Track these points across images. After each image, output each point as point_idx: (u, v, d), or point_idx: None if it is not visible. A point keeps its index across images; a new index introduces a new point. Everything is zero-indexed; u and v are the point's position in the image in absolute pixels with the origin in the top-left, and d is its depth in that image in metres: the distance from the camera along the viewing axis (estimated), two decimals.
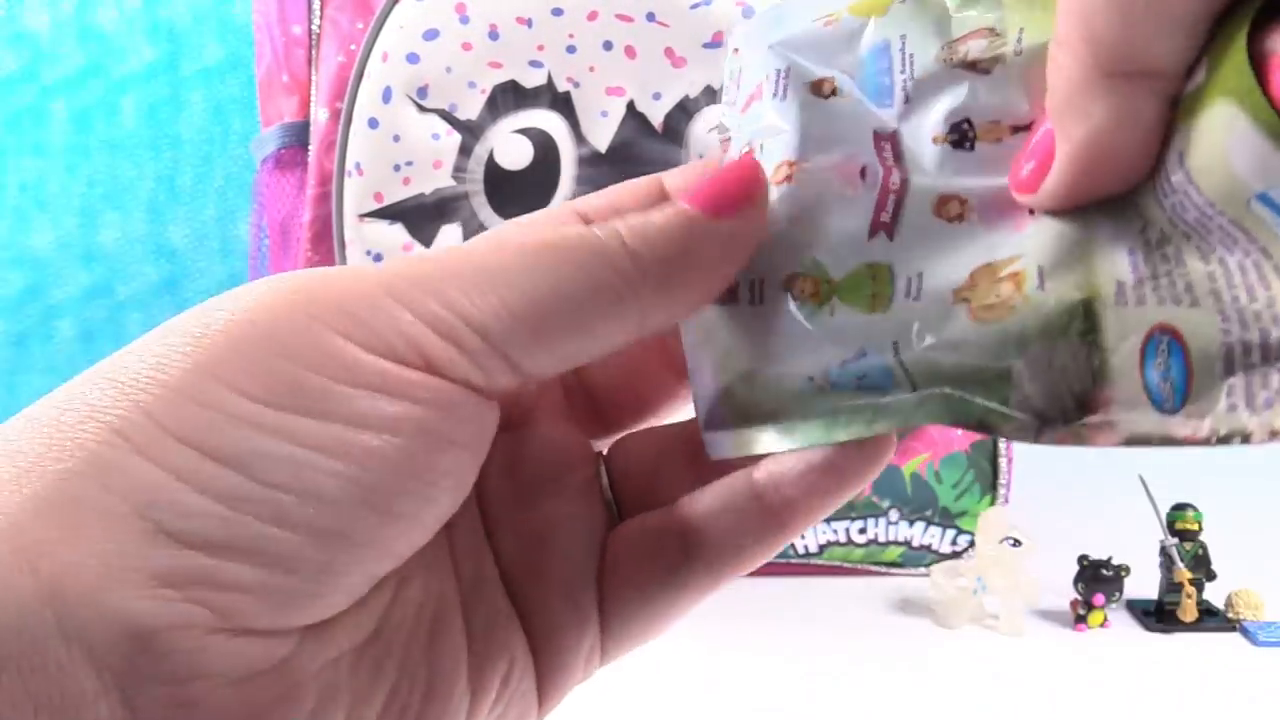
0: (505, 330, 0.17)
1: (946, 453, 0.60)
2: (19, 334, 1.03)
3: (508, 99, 0.51)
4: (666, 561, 0.21)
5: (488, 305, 0.17)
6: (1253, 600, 0.53)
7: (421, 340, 0.17)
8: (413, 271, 0.17)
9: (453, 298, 0.17)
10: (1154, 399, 0.18)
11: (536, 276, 0.18)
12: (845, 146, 0.20)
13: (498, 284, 0.17)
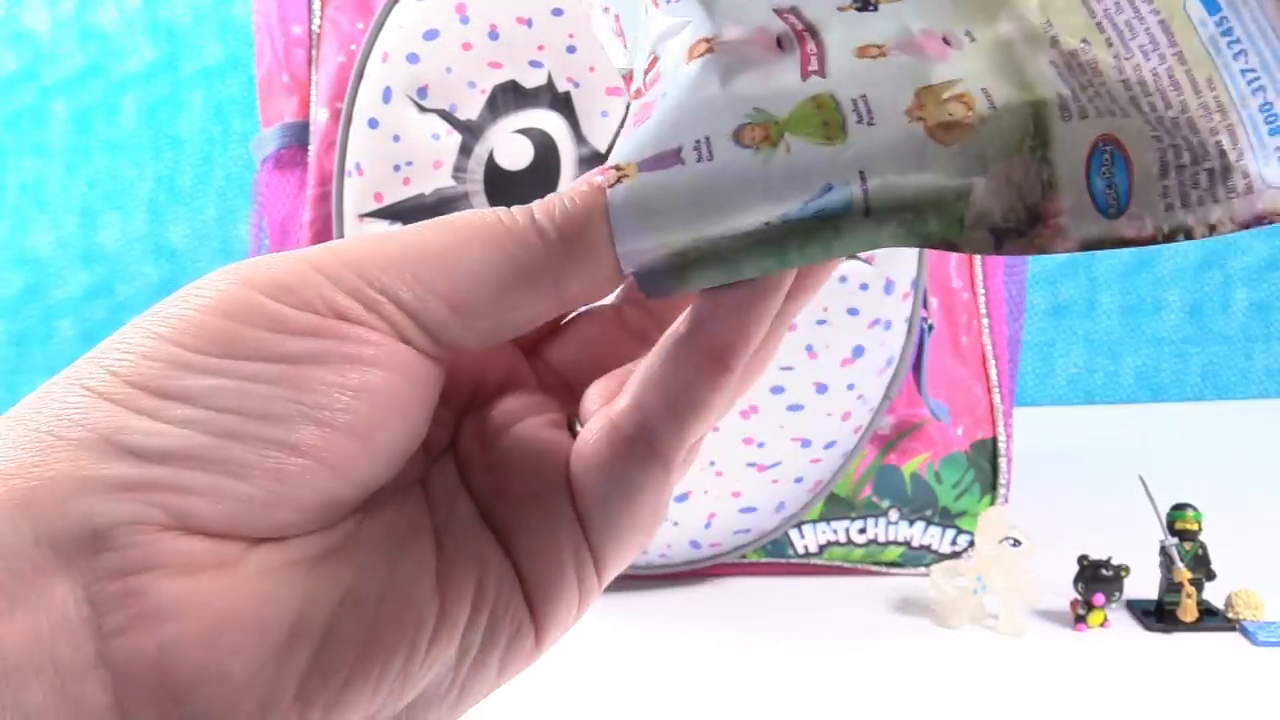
0: (415, 300, 0.19)
1: (946, 453, 0.60)
2: (19, 334, 1.03)
3: (508, 99, 0.51)
4: (626, 436, 0.21)
5: (399, 276, 0.19)
6: (1253, 600, 0.53)
7: (340, 303, 0.19)
8: (338, 250, 0.20)
9: (367, 270, 0.19)
10: (1100, 205, 0.19)
11: (447, 248, 0.20)
12: (753, 20, 0.21)
13: (410, 258, 0.20)
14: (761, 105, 0.20)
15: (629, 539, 0.21)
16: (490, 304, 0.20)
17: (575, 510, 0.21)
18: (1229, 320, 1.07)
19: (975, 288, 0.60)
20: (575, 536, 0.21)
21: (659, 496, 0.21)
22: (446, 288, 0.19)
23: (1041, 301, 1.07)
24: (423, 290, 0.19)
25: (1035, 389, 1.08)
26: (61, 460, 0.17)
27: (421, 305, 0.19)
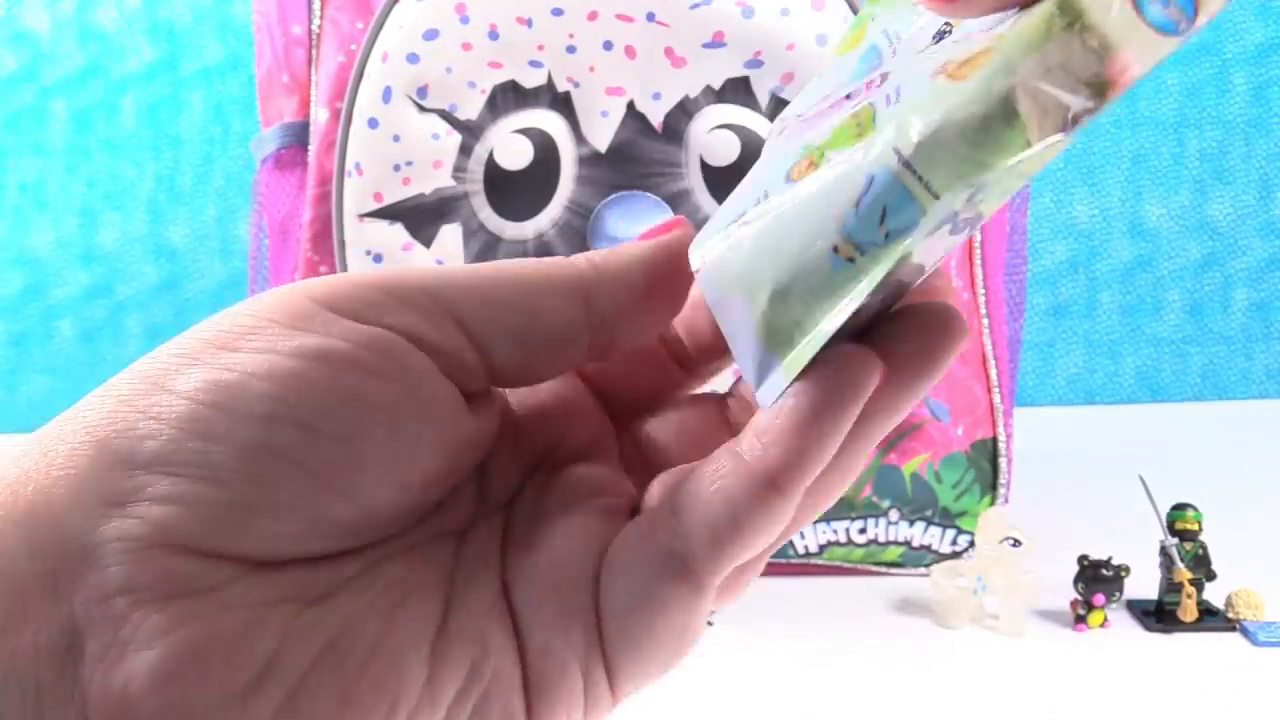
0: (454, 293, 0.20)
1: (946, 453, 0.60)
2: (19, 334, 1.03)
3: (508, 99, 0.51)
4: (659, 546, 0.19)
5: (444, 277, 0.20)
6: (1253, 600, 0.53)
7: (377, 301, 0.19)
8: (402, 269, 0.20)
9: (408, 271, 0.20)
10: (1168, 29, 0.17)
11: (496, 270, 0.20)
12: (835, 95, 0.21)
13: (453, 269, 0.20)
14: (809, 143, 0.19)
15: (649, 658, 0.20)
16: (515, 303, 0.20)
17: (597, 614, 0.20)
18: (1229, 320, 1.07)
19: (975, 287, 0.60)
20: (590, 642, 0.20)
21: (687, 619, 0.19)
22: (481, 286, 0.20)
23: (1041, 301, 1.07)
24: (460, 284, 0.20)
25: (1035, 389, 1.08)
26: (62, 466, 0.17)
27: (457, 296, 0.20)
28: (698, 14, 0.50)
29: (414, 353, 0.19)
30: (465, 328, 0.20)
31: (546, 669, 0.19)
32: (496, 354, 0.20)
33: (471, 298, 0.20)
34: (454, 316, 0.20)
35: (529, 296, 0.20)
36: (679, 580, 0.19)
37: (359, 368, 0.18)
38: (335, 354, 0.18)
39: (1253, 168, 1.06)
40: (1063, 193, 1.06)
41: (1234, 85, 1.05)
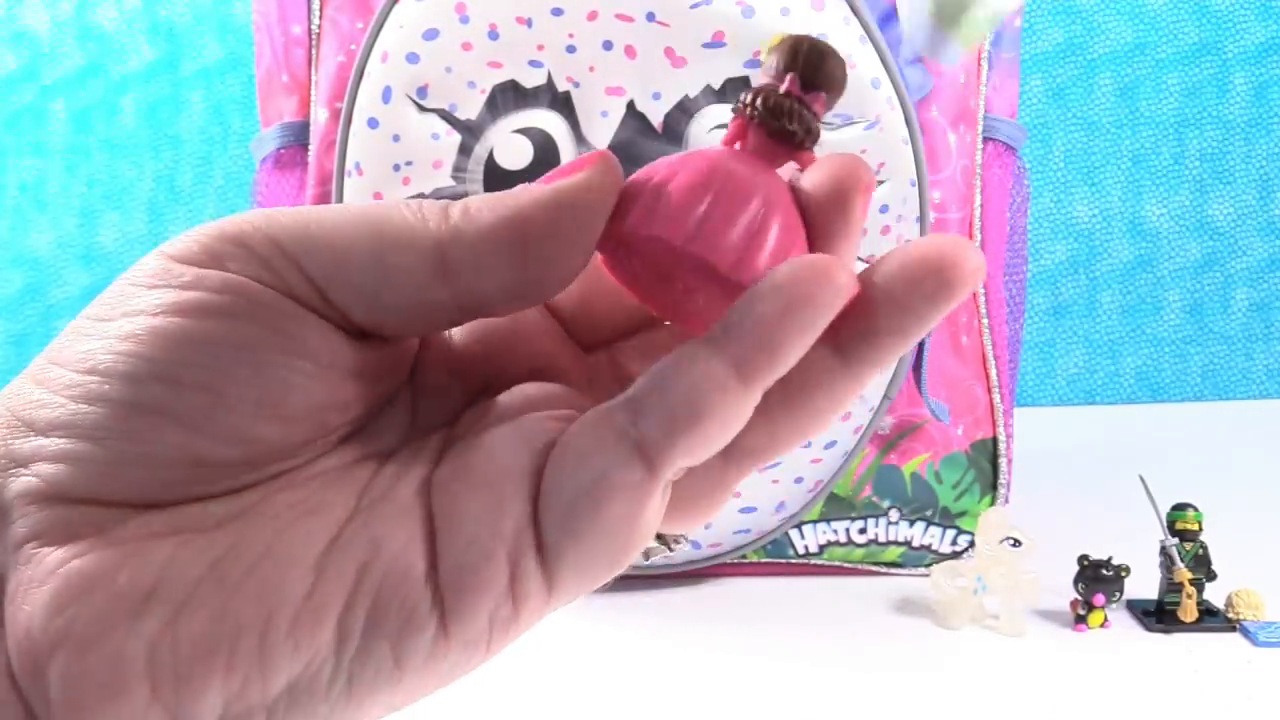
0: (302, 244, 0.19)
1: (946, 453, 0.60)
2: (19, 334, 1.03)
3: (507, 99, 0.51)
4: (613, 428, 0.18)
5: (289, 222, 0.20)
6: (1253, 600, 0.53)
7: (217, 247, 0.20)
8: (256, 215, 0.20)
9: (258, 219, 0.20)
10: None
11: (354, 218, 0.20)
12: None
13: (309, 215, 0.20)
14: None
15: (593, 550, 0.18)
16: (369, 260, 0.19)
17: (534, 507, 0.19)
18: (1229, 320, 1.07)
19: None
20: (522, 531, 0.18)
21: (636, 510, 0.18)
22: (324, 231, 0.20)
23: (1041, 301, 1.07)
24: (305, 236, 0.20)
25: (1035, 389, 1.08)
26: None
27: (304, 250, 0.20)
28: (697, 14, 0.50)
29: (266, 292, 0.19)
30: (312, 282, 0.20)
31: (461, 558, 0.18)
32: (350, 310, 0.20)
33: (320, 251, 0.20)
34: (301, 270, 0.20)
35: (379, 253, 0.19)
36: (630, 463, 0.18)
37: (212, 313, 0.19)
38: (187, 304, 0.19)
39: (1253, 168, 1.06)
40: (1063, 193, 1.06)
41: (1234, 85, 1.05)
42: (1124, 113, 1.05)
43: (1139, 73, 1.04)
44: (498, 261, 0.19)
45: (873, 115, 0.51)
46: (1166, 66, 1.04)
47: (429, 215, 0.20)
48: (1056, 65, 1.04)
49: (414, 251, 0.19)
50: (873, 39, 0.52)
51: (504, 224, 0.19)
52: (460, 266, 0.19)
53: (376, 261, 0.19)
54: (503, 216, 0.19)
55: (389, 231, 0.20)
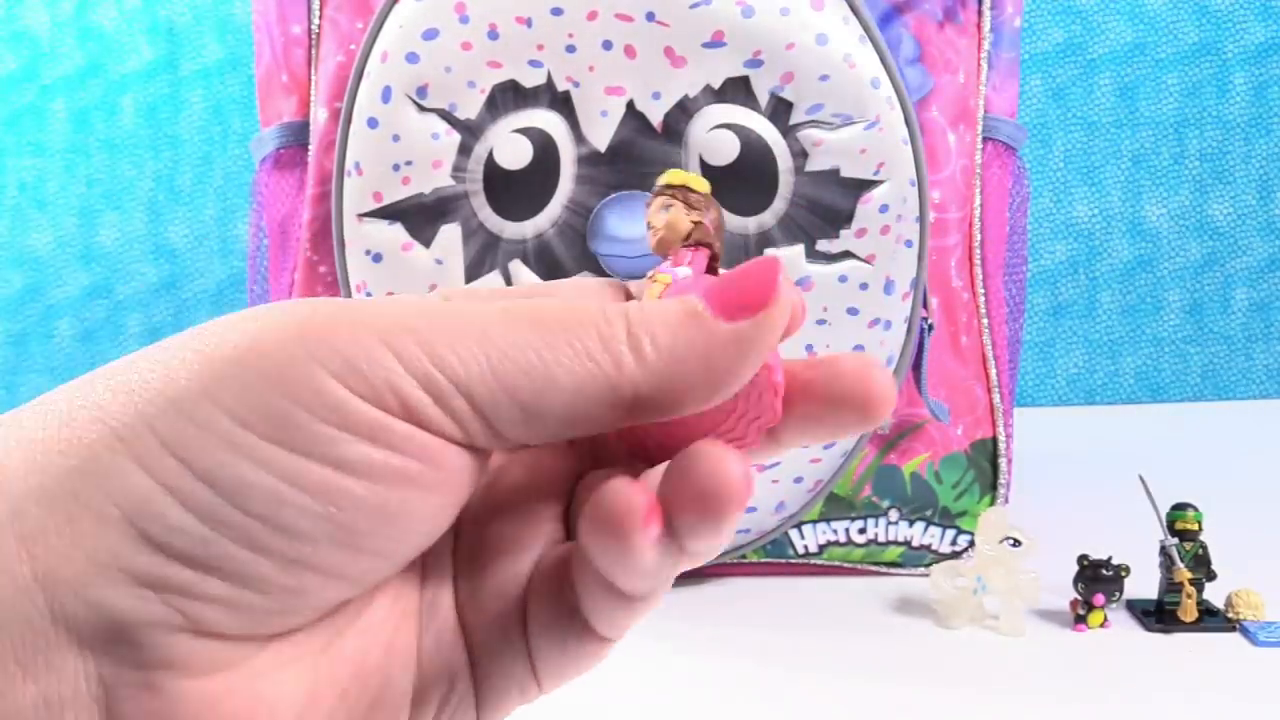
0: (489, 396, 0.18)
1: (946, 453, 0.60)
2: (18, 333, 1.03)
3: (507, 98, 0.51)
4: (566, 597, 0.20)
5: (476, 368, 0.18)
6: (1253, 600, 0.53)
7: (409, 394, 0.18)
8: (412, 324, 0.18)
9: (443, 355, 0.18)
10: None
11: (530, 346, 0.18)
12: None
13: (491, 348, 0.18)
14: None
15: (572, 673, 0.22)
16: (562, 411, 0.18)
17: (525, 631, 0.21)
18: (1229, 320, 1.07)
19: (975, 288, 0.60)
20: (524, 670, 0.21)
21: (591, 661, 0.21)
22: (525, 389, 0.18)
23: (1041, 301, 1.07)
24: (499, 388, 0.18)
25: (1035, 389, 1.08)
26: (86, 537, 0.17)
27: (494, 404, 0.18)
28: (697, 13, 0.50)
29: (459, 455, 0.19)
30: (498, 436, 0.19)
31: (491, 680, 0.21)
32: (516, 443, 0.19)
33: (509, 405, 0.18)
34: (492, 428, 0.18)
35: (570, 411, 0.19)
36: (584, 638, 0.21)
37: (408, 483, 0.18)
38: (382, 469, 0.18)
39: (1253, 168, 1.06)
40: (1063, 193, 1.06)
41: (1234, 85, 1.05)
42: (1124, 113, 1.05)
43: (1139, 73, 1.04)
44: (684, 393, 0.19)
45: (872, 115, 0.51)
46: (1166, 66, 1.04)
47: (613, 358, 0.19)
48: (1056, 65, 1.04)
49: (606, 405, 0.19)
50: (872, 38, 0.52)
51: (693, 359, 0.19)
52: (649, 404, 0.19)
53: (568, 418, 0.19)
54: (691, 354, 0.19)
55: (581, 387, 0.18)
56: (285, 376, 0.17)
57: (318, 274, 0.58)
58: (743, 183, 0.51)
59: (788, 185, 0.51)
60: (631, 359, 0.19)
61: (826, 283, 0.52)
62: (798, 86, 0.50)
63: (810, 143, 0.51)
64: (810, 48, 0.50)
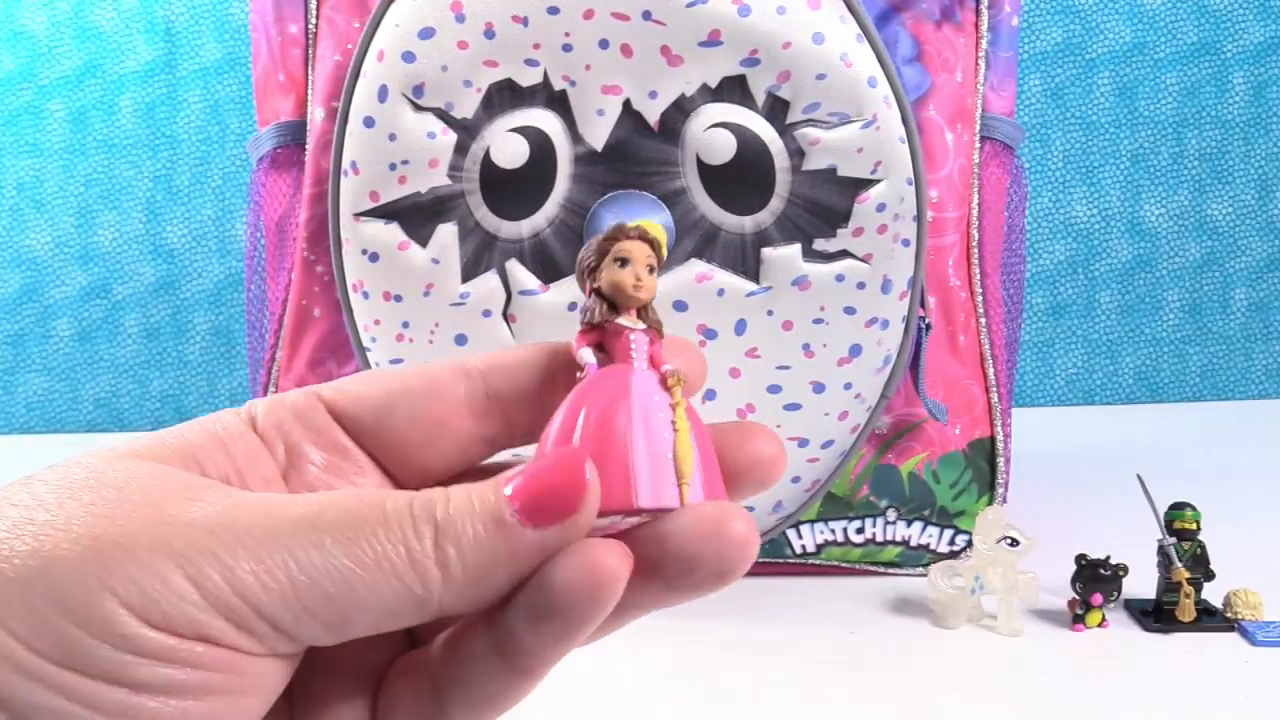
0: (291, 619, 0.18)
1: (944, 452, 0.59)
2: (16, 333, 1.03)
3: (504, 97, 0.51)
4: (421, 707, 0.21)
5: (278, 591, 0.18)
6: (1251, 600, 0.53)
7: (206, 624, 0.18)
8: (213, 545, 0.18)
9: (244, 580, 0.18)
10: None
11: (333, 568, 0.18)
12: None
13: (294, 569, 0.18)
14: None
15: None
16: (366, 625, 0.19)
17: None
18: (1228, 320, 1.07)
19: (973, 287, 0.60)
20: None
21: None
22: (329, 614, 0.18)
23: (1040, 301, 1.07)
24: (302, 610, 0.18)
25: (1034, 389, 1.08)
26: None
27: (296, 624, 0.18)
28: (694, 12, 0.50)
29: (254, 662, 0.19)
30: (295, 640, 0.19)
31: None
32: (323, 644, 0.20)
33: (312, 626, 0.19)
34: (287, 635, 0.19)
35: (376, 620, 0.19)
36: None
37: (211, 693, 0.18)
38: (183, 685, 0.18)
39: (1252, 168, 1.06)
40: (1061, 192, 1.06)
41: (1233, 85, 1.04)
42: (1123, 112, 1.05)
43: (1138, 72, 1.04)
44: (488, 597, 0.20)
45: (869, 114, 0.51)
46: (1165, 66, 1.04)
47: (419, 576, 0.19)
48: (1055, 65, 1.04)
49: (411, 615, 0.19)
50: (869, 37, 0.52)
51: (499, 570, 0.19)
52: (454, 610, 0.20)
53: (373, 628, 0.19)
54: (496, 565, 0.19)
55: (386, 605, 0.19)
56: (75, 604, 0.17)
57: (314, 273, 0.58)
58: (739, 182, 0.51)
59: (784, 184, 0.51)
60: (438, 576, 0.19)
61: (823, 282, 0.52)
62: (795, 85, 0.50)
63: (807, 142, 0.51)
64: (807, 47, 0.50)
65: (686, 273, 0.52)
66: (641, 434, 0.21)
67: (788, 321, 0.52)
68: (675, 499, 0.21)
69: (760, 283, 0.52)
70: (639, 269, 0.23)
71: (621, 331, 0.23)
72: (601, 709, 0.47)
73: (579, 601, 0.19)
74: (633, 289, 0.23)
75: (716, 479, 0.22)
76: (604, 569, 0.19)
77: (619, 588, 0.19)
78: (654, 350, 0.23)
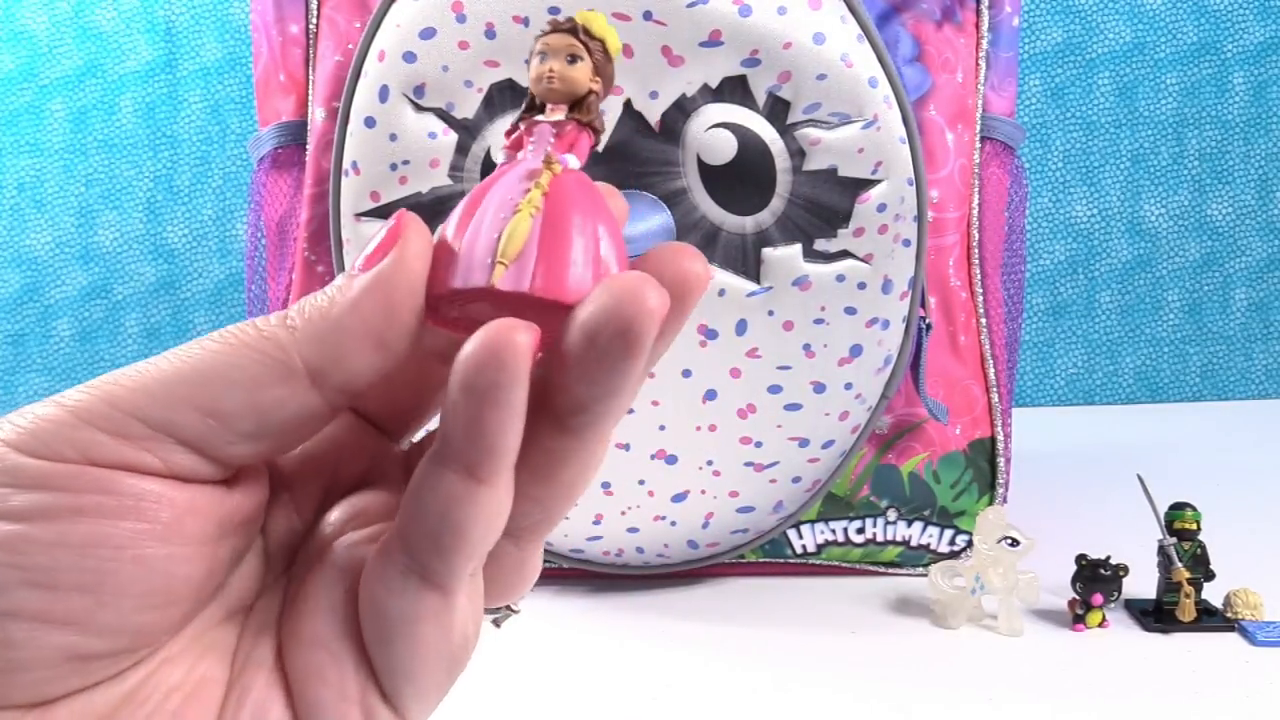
0: (163, 412, 0.19)
1: (944, 452, 0.60)
2: (17, 333, 1.03)
3: (504, 98, 0.51)
4: (398, 568, 0.19)
5: (145, 391, 0.19)
6: (1251, 600, 0.53)
7: (84, 440, 0.18)
8: (93, 384, 0.19)
9: (114, 392, 0.19)
10: None
11: (196, 357, 0.19)
12: None
13: (163, 371, 0.19)
14: None
15: (424, 679, 0.20)
16: (246, 405, 0.19)
17: (364, 650, 0.20)
18: (1228, 320, 1.07)
19: (973, 287, 0.60)
20: (365, 682, 0.20)
21: (444, 628, 0.19)
22: (198, 397, 0.19)
23: (1041, 301, 1.07)
24: (175, 403, 0.19)
25: (1034, 389, 1.08)
26: None
27: (176, 419, 0.19)
28: (694, 12, 0.50)
29: (138, 479, 0.19)
30: (189, 446, 0.19)
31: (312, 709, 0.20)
32: (231, 455, 0.19)
33: (188, 413, 0.19)
34: (173, 437, 0.19)
35: (250, 393, 0.19)
36: (422, 594, 0.19)
37: (86, 514, 0.18)
38: (57, 508, 0.18)
39: (1252, 168, 1.06)
40: (1062, 192, 1.06)
41: (1234, 85, 1.05)
42: (1123, 112, 1.05)
43: (1138, 72, 1.04)
44: (355, 352, 0.19)
45: (870, 114, 0.51)
46: (1165, 66, 1.04)
47: (271, 340, 0.19)
48: (1056, 65, 1.04)
49: (286, 384, 0.19)
50: (870, 37, 0.52)
51: (347, 318, 0.19)
52: (328, 369, 0.19)
53: (261, 413, 0.19)
54: (341, 313, 0.19)
55: (254, 378, 0.19)
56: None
57: (315, 273, 0.58)
58: (740, 182, 0.51)
59: (785, 184, 0.51)
60: (284, 332, 0.19)
61: (824, 282, 0.52)
62: (795, 85, 0.50)
63: (808, 142, 0.51)
64: (808, 47, 0.50)
65: None
66: (483, 219, 0.20)
67: (788, 321, 0.52)
68: (484, 278, 0.19)
69: (761, 283, 0.52)
70: (555, 61, 0.21)
71: (533, 126, 0.21)
72: (601, 709, 0.47)
73: (482, 368, 0.18)
74: (546, 80, 0.21)
75: (572, 269, 0.20)
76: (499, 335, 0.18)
77: (518, 352, 0.18)
78: (566, 143, 0.21)
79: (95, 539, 0.18)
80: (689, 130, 0.51)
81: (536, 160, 0.21)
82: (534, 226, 0.20)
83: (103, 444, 0.18)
